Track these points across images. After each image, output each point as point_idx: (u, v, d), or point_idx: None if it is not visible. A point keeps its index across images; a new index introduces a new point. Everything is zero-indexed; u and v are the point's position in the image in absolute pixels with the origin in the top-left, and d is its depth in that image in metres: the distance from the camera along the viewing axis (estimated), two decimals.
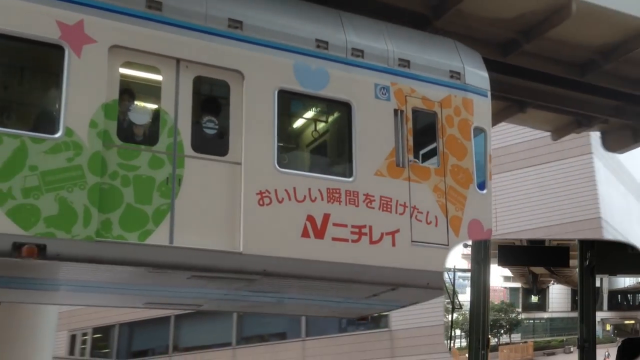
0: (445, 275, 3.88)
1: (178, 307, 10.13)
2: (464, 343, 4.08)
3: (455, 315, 3.96)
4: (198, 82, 7.59)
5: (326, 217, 7.76)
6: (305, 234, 7.62)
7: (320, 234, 7.69)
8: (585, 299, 3.71)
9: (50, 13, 6.81)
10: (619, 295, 3.96)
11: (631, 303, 3.97)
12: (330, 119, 8.79)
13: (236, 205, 7.38)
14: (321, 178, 7.98)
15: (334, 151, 8.74)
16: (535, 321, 4.22)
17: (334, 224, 7.77)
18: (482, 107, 9.15)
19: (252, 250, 7.31)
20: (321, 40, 8.23)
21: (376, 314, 10.96)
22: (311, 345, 24.72)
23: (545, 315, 4.16)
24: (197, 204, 7.24)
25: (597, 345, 3.68)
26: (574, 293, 3.86)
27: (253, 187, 7.45)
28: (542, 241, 4.57)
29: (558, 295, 4.15)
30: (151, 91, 7.48)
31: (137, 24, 7.26)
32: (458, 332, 4.10)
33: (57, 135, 6.64)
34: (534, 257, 4.03)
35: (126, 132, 7.18)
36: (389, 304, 9.92)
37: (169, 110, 7.28)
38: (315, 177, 7.99)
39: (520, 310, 4.21)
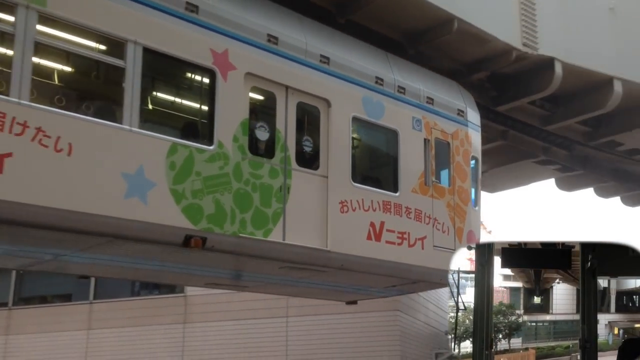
0: (450, 276, 3.81)
1: (228, 287, 12.40)
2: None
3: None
4: (299, 106, 9.03)
5: (382, 224, 9.67)
6: (369, 237, 9.51)
7: (378, 237, 9.63)
8: (587, 300, 3.73)
9: (206, 42, 8.14)
10: (624, 297, 3.80)
11: (638, 305, 3.82)
12: (383, 143, 10.67)
13: (324, 211, 9.05)
14: (379, 192, 9.90)
15: (385, 170, 10.62)
16: (538, 324, 3.92)
17: (387, 230, 9.75)
18: (476, 140, 11.55)
19: (336, 248, 9.05)
20: (379, 77, 10.10)
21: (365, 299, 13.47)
22: (99, 308, 23.39)
23: (549, 317, 3.87)
24: (300, 209, 8.81)
25: (607, 352, 3.56)
26: (579, 294, 3.66)
27: (336, 197, 9.13)
28: (547, 244, 4.54)
29: (563, 296, 3.82)
30: (269, 112, 8.79)
31: (261, 55, 8.65)
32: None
33: (212, 147, 7.98)
34: (537, 259, 3.98)
35: (253, 146, 8.53)
36: (388, 292, 12.35)
37: (281, 130, 8.76)
38: (376, 191, 9.87)
39: (521, 312, 3.92)
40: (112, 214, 7.19)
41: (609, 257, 3.65)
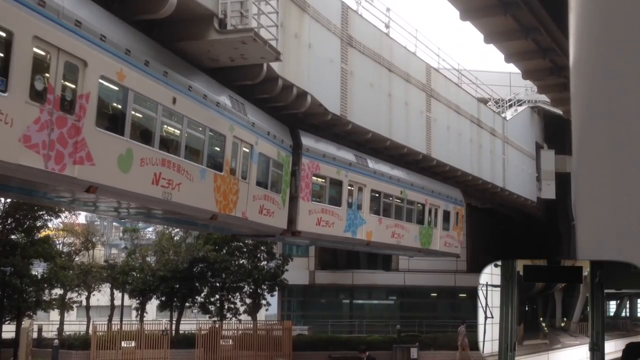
0: (480, 289, 4.27)
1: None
2: None
3: None
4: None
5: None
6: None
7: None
8: (595, 311, 4.39)
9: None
10: None
11: None
12: (446, 217, 30.23)
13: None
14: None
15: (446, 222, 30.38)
16: None
17: None
18: (463, 209, 32.37)
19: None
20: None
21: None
22: None
23: None
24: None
25: None
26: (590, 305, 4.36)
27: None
28: (558, 261, 5.27)
29: None
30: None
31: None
32: None
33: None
34: (553, 275, 4.47)
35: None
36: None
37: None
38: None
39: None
40: None
41: (615, 272, 4.19)
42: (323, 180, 21.54)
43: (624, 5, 3.56)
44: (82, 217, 41.20)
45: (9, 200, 27.30)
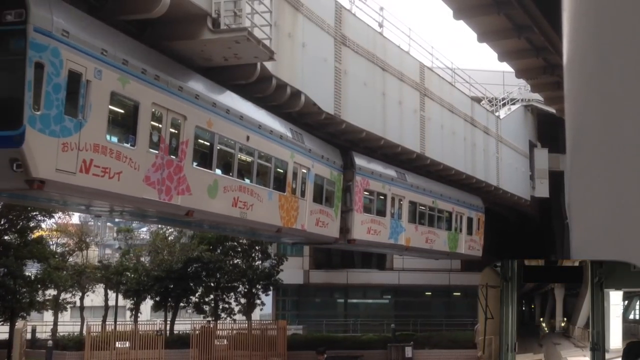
0: (480, 289, 4.20)
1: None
2: None
3: None
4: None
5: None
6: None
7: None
8: (595, 310, 4.37)
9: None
10: None
11: None
12: (464, 222, 32.62)
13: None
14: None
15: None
16: None
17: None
18: (484, 216, 33.72)
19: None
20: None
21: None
22: None
23: None
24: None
25: None
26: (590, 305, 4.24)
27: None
28: (556, 262, 4.64)
29: None
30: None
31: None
32: None
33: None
34: (554, 275, 4.45)
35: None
36: None
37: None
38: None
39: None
40: None
41: (615, 271, 4.18)
42: (372, 194, 24.72)
43: (617, 4, 3.56)
44: (75, 218, 41.06)
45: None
